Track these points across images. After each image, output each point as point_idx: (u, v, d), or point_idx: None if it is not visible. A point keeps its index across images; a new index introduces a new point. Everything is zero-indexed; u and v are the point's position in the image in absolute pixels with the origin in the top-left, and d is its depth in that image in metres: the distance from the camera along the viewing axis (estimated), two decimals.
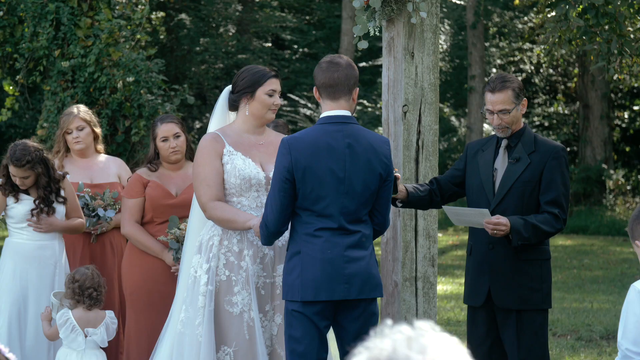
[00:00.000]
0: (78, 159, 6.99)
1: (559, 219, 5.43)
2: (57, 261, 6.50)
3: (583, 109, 22.82)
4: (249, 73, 5.56)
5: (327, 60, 5.10)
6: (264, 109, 5.53)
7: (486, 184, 5.55)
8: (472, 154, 5.69)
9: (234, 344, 5.38)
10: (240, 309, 5.39)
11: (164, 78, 10.51)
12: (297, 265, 4.99)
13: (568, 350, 8.63)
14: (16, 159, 6.31)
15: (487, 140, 5.69)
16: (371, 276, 5.02)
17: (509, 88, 5.50)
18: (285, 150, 4.99)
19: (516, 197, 5.47)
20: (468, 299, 5.66)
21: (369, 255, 5.04)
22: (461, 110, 26.23)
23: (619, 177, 21.72)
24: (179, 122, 6.56)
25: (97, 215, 6.85)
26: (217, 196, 5.43)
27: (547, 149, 5.51)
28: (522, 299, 5.45)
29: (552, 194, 5.46)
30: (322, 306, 4.99)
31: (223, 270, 5.42)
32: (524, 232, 5.34)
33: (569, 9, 8.11)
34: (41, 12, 9.97)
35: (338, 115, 5.04)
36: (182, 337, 5.48)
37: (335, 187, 4.97)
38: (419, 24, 6.08)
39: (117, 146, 10.15)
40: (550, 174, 5.46)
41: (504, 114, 5.49)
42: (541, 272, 5.50)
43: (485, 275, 5.51)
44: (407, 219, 6.10)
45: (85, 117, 6.97)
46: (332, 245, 4.96)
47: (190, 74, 23.21)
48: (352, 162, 4.99)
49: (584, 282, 13.01)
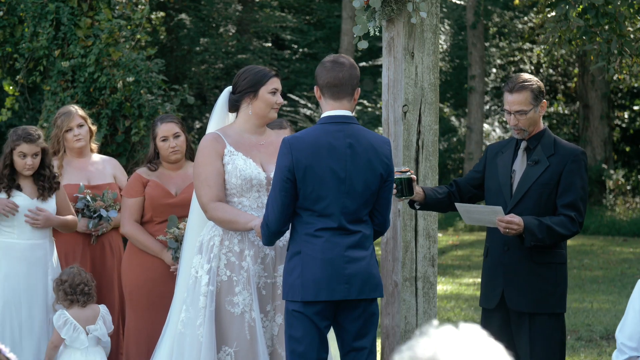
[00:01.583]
0: (74, 160, 6.98)
1: (575, 222, 5.38)
2: (48, 261, 6.48)
3: (583, 109, 22.82)
4: (250, 73, 5.57)
5: (330, 59, 5.09)
6: (267, 108, 5.54)
7: (504, 186, 5.51)
8: (491, 156, 5.65)
9: (235, 344, 5.38)
10: (241, 309, 5.39)
11: (164, 78, 10.51)
12: (298, 265, 4.98)
13: (568, 350, 8.63)
14: (27, 134, 6.36)
15: (507, 142, 5.65)
16: (371, 276, 5.02)
17: (528, 89, 5.45)
18: (286, 149, 4.98)
19: (534, 199, 5.42)
20: (482, 301, 5.62)
21: (369, 256, 5.04)
22: (461, 110, 26.23)
23: (619, 177, 21.72)
24: (179, 122, 6.57)
25: (99, 216, 6.85)
26: (218, 197, 5.43)
27: (566, 152, 5.46)
28: (536, 302, 5.39)
29: (570, 197, 5.40)
30: (323, 306, 4.98)
31: (224, 270, 5.42)
32: (537, 232, 5.29)
33: (569, 9, 8.11)
34: (41, 12, 9.97)
35: (339, 115, 5.05)
36: (182, 337, 5.48)
37: (336, 187, 4.97)
38: (419, 24, 6.08)
39: (117, 146, 10.15)
40: (569, 177, 5.41)
41: (521, 115, 5.44)
42: (556, 275, 5.44)
43: (500, 277, 5.46)
44: (407, 219, 6.10)
45: (83, 115, 7.02)
46: (333, 246, 4.96)
47: (190, 74, 23.20)
48: (353, 162, 4.99)
49: (584, 282, 13.01)
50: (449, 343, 2.00)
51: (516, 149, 5.57)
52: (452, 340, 2.01)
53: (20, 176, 6.47)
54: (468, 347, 2.00)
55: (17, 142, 6.37)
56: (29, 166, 6.38)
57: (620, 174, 21.83)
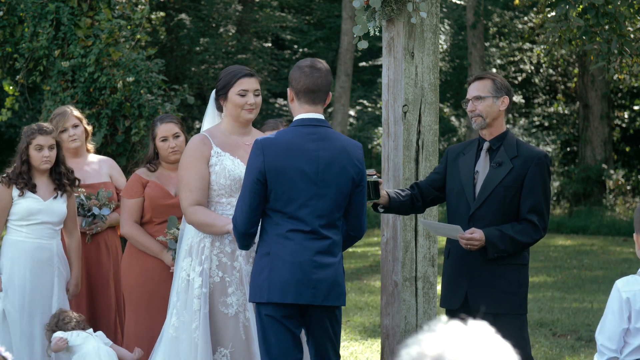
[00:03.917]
0: (70, 160, 6.98)
1: (537, 228, 5.39)
2: (54, 262, 6.49)
3: (583, 109, 22.82)
4: (223, 74, 5.60)
5: (308, 64, 5.11)
6: (236, 109, 5.53)
7: (466, 187, 5.49)
8: (452, 158, 5.62)
9: (231, 345, 5.39)
10: (235, 310, 5.40)
11: (164, 78, 10.51)
12: (267, 266, 4.97)
13: (568, 350, 8.63)
14: (41, 127, 6.47)
15: (468, 143, 5.63)
16: (337, 284, 5.01)
17: (489, 79, 5.48)
18: (258, 151, 4.97)
19: (497, 202, 5.41)
20: (444, 302, 5.60)
21: (337, 263, 5.03)
22: (461, 110, 26.22)
23: (619, 177, 21.72)
24: (179, 122, 6.57)
25: (92, 215, 6.86)
26: (198, 201, 5.44)
27: (529, 155, 5.44)
28: (499, 303, 5.39)
29: (533, 201, 5.40)
30: (290, 309, 4.98)
31: (216, 271, 5.42)
32: (500, 244, 5.32)
33: (569, 9, 8.10)
34: (41, 12, 9.97)
35: (313, 118, 5.06)
36: (176, 341, 5.47)
37: (307, 190, 4.96)
38: (419, 24, 6.08)
39: (117, 146, 10.15)
40: (532, 180, 5.40)
41: (478, 100, 5.44)
42: (519, 276, 5.44)
43: (463, 278, 5.46)
44: (407, 219, 6.10)
45: (78, 115, 7.03)
46: (303, 249, 4.94)
47: (190, 74, 23.20)
48: (325, 165, 4.98)
49: (584, 282, 13.01)
50: (457, 340, 2.00)
51: (478, 149, 5.54)
52: (460, 337, 2.01)
53: (36, 175, 6.49)
54: (476, 344, 2.00)
55: (33, 136, 6.43)
56: (46, 158, 6.43)
57: (620, 174, 21.83)
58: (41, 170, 6.48)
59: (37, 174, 6.50)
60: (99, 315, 6.91)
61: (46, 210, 6.44)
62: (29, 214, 6.42)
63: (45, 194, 6.48)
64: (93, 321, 6.84)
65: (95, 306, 6.92)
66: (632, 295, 4.31)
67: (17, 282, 6.40)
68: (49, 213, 6.44)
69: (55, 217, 6.46)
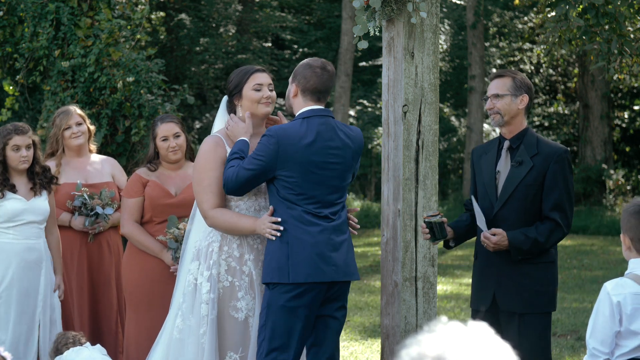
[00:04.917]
0: (72, 160, 6.99)
1: (560, 226, 5.39)
2: (44, 261, 6.50)
3: (583, 109, 22.82)
4: (234, 74, 5.61)
5: (319, 65, 5.39)
6: (254, 104, 5.54)
7: (489, 187, 5.51)
8: (477, 159, 5.66)
9: (240, 349, 5.36)
10: (245, 314, 5.38)
11: (164, 78, 10.51)
12: (285, 248, 5.16)
13: (568, 350, 8.63)
14: (17, 127, 6.47)
15: (490, 143, 5.66)
16: (351, 260, 5.34)
17: (508, 77, 5.51)
18: (273, 139, 5.21)
19: (519, 201, 5.42)
20: (473, 302, 5.63)
21: (347, 239, 5.34)
22: (461, 110, 26.23)
23: (619, 177, 21.72)
24: (179, 122, 6.57)
25: (95, 214, 6.85)
26: (220, 204, 5.44)
27: (549, 152, 5.44)
28: (527, 302, 5.40)
29: (555, 198, 5.40)
30: (311, 296, 5.17)
31: (225, 276, 5.40)
32: (523, 247, 5.35)
33: (569, 9, 8.10)
34: (41, 12, 9.97)
35: (321, 109, 5.37)
36: (179, 343, 5.45)
37: (318, 176, 5.22)
38: (419, 24, 6.08)
39: (117, 146, 10.15)
40: (553, 177, 5.41)
41: (496, 98, 5.47)
42: (547, 275, 5.45)
43: (491, 278, 5.48)
44: (407, 219, 6.10)
45: (81, 114, 7.05)
46: (320, 230, 5.19)
47: (190, 74, 23.21)
48: (335, 152, 5.28)
49: (584, 282, 13.01)
50: (457, 340, 2.00)
51: (499, 149, 5.56)
52: (460, 338, 2.01)
53: (14, 175, 6.47)
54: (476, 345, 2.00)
55: (10, 136, 6.42)
56: (24, 158, 6.43)
57: (620, 174, 21.83)
58: (19, 171, 6.47)
59: (15, 174, 6.49)
60: (100, 314, 6.91)
61: (30, 210, 6.44)
62: (14, 215, 6.41)
63: (26, 193, 6.47)
64: (95, 321, 6.84)
65: (97, 305, 6.93)
66: (622, 298, 4.32)
67: (6, 284, 6.39)
68: (33, 212, 6.44)
69: (39, 216, 6.47)
